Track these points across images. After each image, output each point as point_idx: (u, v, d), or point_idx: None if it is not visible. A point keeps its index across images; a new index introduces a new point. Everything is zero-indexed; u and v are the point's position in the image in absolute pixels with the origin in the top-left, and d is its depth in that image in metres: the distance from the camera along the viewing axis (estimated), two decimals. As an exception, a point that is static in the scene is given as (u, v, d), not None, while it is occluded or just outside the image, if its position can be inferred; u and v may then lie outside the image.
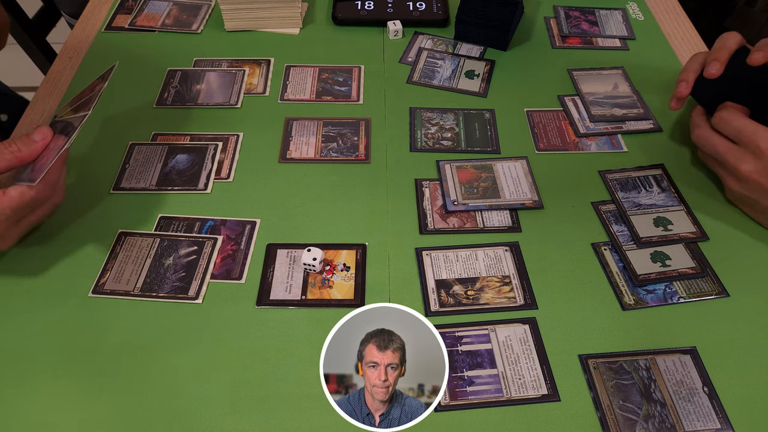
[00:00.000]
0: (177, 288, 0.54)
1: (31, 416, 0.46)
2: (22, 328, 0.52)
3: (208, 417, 0.47)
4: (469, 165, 0.65)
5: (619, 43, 0.81)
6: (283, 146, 0.67)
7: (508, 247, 0.58)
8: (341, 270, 0.56)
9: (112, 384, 0.48)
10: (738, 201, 0.60)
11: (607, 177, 0.64)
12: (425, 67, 0.78)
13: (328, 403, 0.47)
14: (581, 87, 0.74)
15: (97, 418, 0.46)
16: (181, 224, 0.59)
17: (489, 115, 0.71)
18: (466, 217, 0.60)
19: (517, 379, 0.49)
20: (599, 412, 0.47)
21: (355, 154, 0.67)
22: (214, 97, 0.73)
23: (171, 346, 0.51)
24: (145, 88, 0.74)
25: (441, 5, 0.84)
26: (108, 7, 0.87)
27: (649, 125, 0.70)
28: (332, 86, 0.75)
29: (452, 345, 0.51)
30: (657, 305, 0.54)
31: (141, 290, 0.54)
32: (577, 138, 0.69)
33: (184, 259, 0.56)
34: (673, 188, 0.63)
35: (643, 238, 0.58)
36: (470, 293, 0.54)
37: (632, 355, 0.50)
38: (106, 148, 0.66)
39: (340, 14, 0.83)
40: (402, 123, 0.70)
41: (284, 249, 0.58)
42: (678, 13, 0.87)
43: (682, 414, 0.47)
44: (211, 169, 0.64)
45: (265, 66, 0.77)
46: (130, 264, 0.56)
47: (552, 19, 0.85)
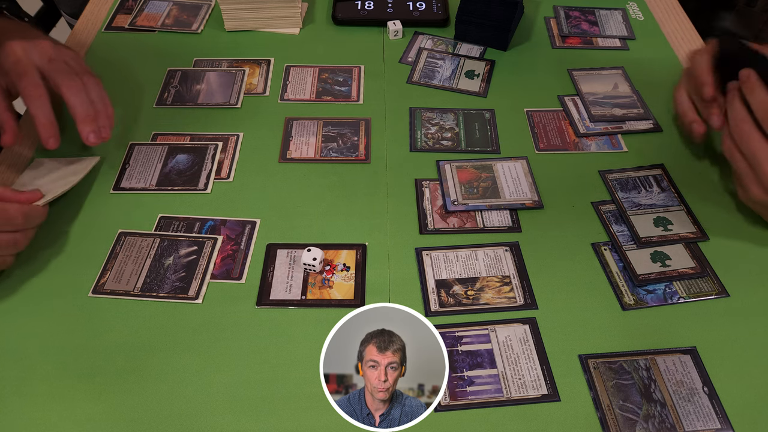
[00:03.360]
0: (177, 288, 0.54)
1: (31, 416, 0.46)
2: (21, 327, 0.52)
3: (208, 417, 0.47)
4: (469, 165, 0.65)
5: (619, 43, 0.81)
6: (283, 146, 0.67)
7: (508, 247, 0.58)
8: (341, 270, 0.56)
9: (112, 384, 0.48)
10: (756, 206, 0.57)
11: (607, 177, 0.64)
12: (425, 67, 0.78)
13: (328, 403, 0.47)
14: (581, 87, 0.74)
15: (97, 418, 0.46)
16: (181, 224, 0.59)
17: (489, 115, 0.71)
18: (466, 217, 0.60)
19: (517, 379, 0.49)
20: (599, 412, 0.47)
21: (355, 154, 0.67)
22: (215, 97, 0.73)
23: (171, 346, 0.51)
24: (145, 88, 0.74)
25: (441, 5, 0.84)
26: (108, 7, 0.87)
27: (649, 125, 0.70)
28: (332, 86, 0.75)
29: (452, 345, 0.51)
30: (657, 305, 0.54)
31: (141, 290, 0.54)
32: (577, 138, 0.69)
33: (184, 259, 0.56)
34: (673, 188, 0.63)
35: (643, 238, 0.58)
36: (470, 293, 0.54)
37: (632, 355, 0.50)
38: (106, 148, 0.66)
39: (340, 14, 0.83)
40: (402, 123, 0.70)
41: (284, 249, 0.58)
42: (678, 13, 0.87)
43: (682, 414, 0.47)
44: (211, 169, 0.64)
45: (265, 66, 0.77)
46: (130, 264, 0.56)
47: (552, 19, 0.85)
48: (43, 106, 0.57)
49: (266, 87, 0.75)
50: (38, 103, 0.57)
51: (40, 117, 0.57)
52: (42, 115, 0.57)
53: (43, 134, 0.57)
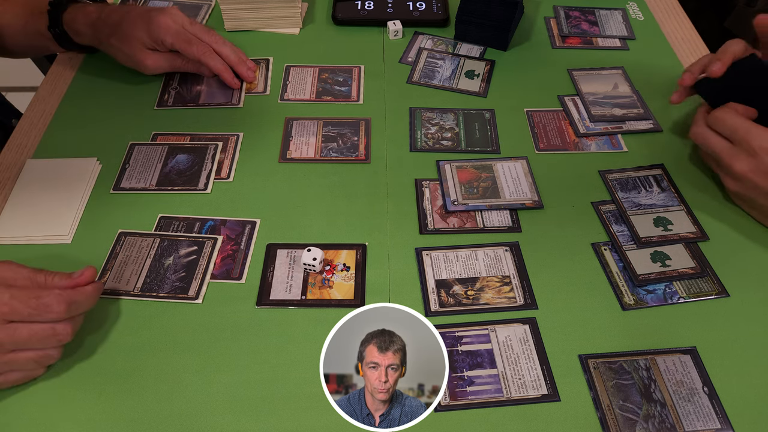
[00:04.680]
0: (177, 288, 0.54)
1: (31, 416, 0.46)
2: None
3: (208, 417, 0.47)
4: (469, 165, 0.65)
5: (619, 43, 0.81)
6: (283, 146, 0.67)
7: (508, 247, 0.58)
8: (341, 270, 0.56)
9: (112, 384, 0.48)
10: (736, 199, 0.60)
11: (607, 177, 0.64)
12: (425, 67, 0.77)
13: (328, 403, 0.47)
14: (581, 87, 0.74)
15: (97, 418, 0.46)
16: (181, 224, 0.59)
17: (489, 115, 0.71)
18: (466, 217, 0.60)
19: (517, 379, 0.49)
20: (599, 412, 0.47)
21: (355, 154, 0.67)
22: (215, 97, 0.73)
23: (171, 347, 0.51)
24: (145, 88, 0.74)
25: (441, 5, 0.84)
26: (108, 7, 0.87)
27: (649, 125, 0.70)
28: (332, 86, 0.75)
29: (452, 345, 0.51)
30: (657, 305, 0.54)
31: (141, 290, 0.54)
32: (577, 138, 0.69)
33: (184, 259, 0.56)
34: (673, 188, 0.63)
35: (643, 238, 0.58)
36: (470, 293, 0.54)
37: (632, 355, 0.50)
38: (106, 148, 0.66)
39: (340, 14, 0.83)
40: (402, 123, 0.70)
41: (284, 249, 0.58)
42: (678, 13, 0.87)
43: (682, 414, 0.47)
44: (211, 169, 0.64)
45: (264, 65, 0.77)
46: (130, 264, 0.56)
47: (552, 19, 0.85)
48: (217, 58, 0.71)
49: (266, 87, 0.75)
50: (212, 56, 0.71)
51: (219, 66, 0.71)
52: (220, 64, 0.71)
53: (227, 74, 0.72)
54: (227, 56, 0.72)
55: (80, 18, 0.70)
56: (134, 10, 0.70)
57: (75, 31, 0.70)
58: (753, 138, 0.55)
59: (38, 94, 0.74)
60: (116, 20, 0.69)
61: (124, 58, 0.71)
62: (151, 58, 0.70)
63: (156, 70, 0.71)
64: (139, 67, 0.71)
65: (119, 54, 0.70)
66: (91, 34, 0.70)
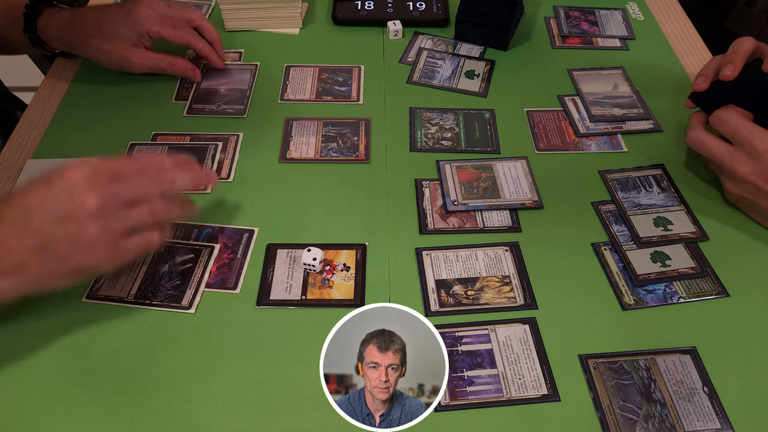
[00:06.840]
0: (170, 296, 0.53)
1: (31, 416, 0.46)
2: (17, 330, 0.51)
3: (208, 417, 0.47)
4: (469, 165, 0.65)
5: (619, 43, 0.81)
6: (283, 146, 0.67)
7: (508, 247, 0.58)
8: (341, 270, 0.56)
9: (112, 384, 0.48)
10: (736, 202, 0.60)
11: (607, 177, 0.64)
12: (425, 67, 0.78)
13: (328, 403, 0.47)
14: (581, 87, 0.74)
15: (97, 418, 0.46)
16: (179, 230, 0.59)
17: (489, 115, 0.71)
18: (466, 217, 0.60)
19: (517, 379, 0.49)
20: (599, 412, 0.47)
21: (355, 154, 0.67)
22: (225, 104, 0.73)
23: (170, 347, 0.51)
24: (145, 87, 0.74)
25: (441, 5, 0.84)
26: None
27: (649, 125, 0.70)
28: (332, 86, 0.75)
29: (452, 345, 0.51)
30: (657, 305, 0.54)
31: (135, 297, 0.53)
32: (577, 138, 0.69)
33: (180, 267, 0.56)
34: (673, 188, 0.63)
35: (643, 238, 0.58)
36: (470, 293, 0.54)
37: (632, 355, 0.50)
38: (106, 148, 0.66)
39: (340, 14, 0.83)
40: (402, 123, 0.70)
41: (284, 249, 0.58)
42: (678, 13, 0.87)
43: (682, 414, 0.47)
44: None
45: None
46: (126, 270, 0.55)
47: (552, 19, 0.85)
48: (201, 40, 0.73)
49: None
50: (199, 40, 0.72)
51: (203, 47, 0.73)
52: (204, 45, 0.73)
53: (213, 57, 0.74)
54: (211, 32, 0.74)
55: (55, 23, 0.69)
56: (109, 8, 0.69)
57: (49, 37, 0.70)
58: (756, 140, 0.54)
59: (38, 94, 0.74)
60: (94, 20, 0.68)
61: (105, 58, 0.70)
62: (135, 54, 0.69)
63: (140, 68, 0.71)
64: (123, 65, 0.70)
65: (100, 54, 0.69)
66: (68, 38, 0.69)
